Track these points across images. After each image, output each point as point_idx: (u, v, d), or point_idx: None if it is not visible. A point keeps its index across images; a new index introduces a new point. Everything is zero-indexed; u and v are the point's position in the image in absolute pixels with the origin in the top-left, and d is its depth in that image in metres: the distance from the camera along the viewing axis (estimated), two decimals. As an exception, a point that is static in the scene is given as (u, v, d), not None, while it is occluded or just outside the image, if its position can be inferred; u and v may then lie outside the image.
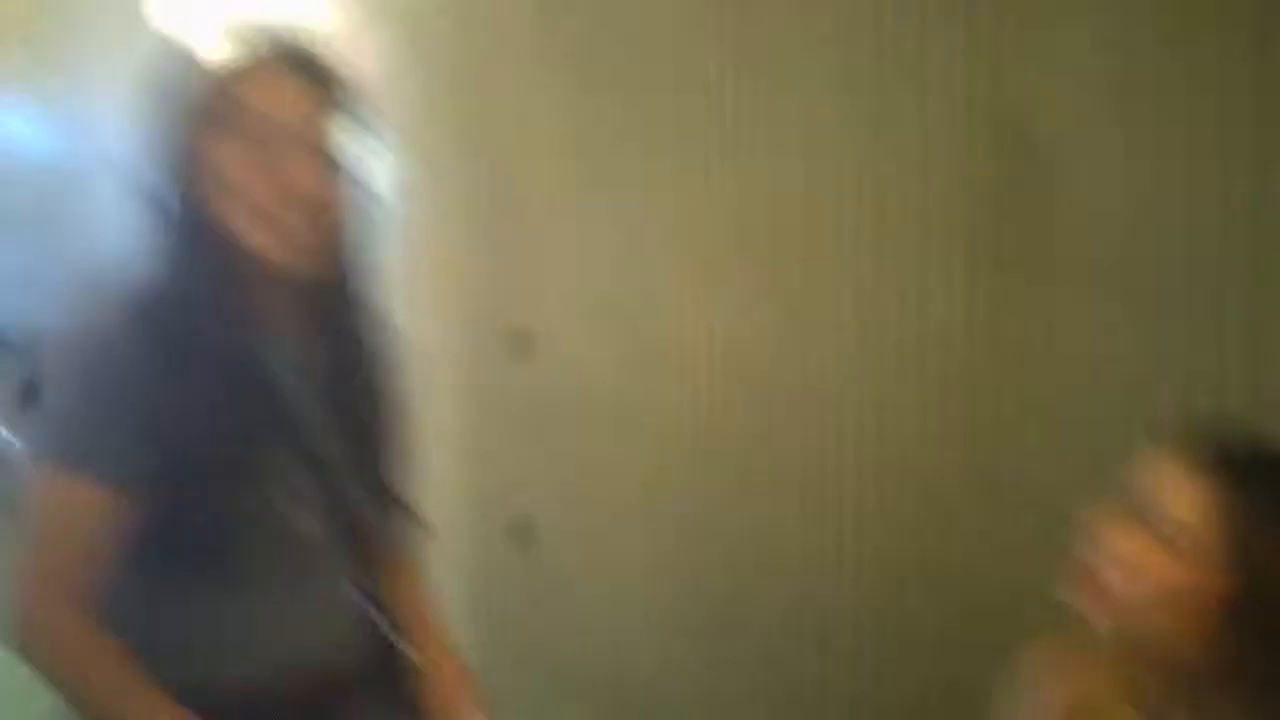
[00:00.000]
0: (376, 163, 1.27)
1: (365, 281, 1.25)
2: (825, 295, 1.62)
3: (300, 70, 1.16)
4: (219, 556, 1.14)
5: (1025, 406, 1.39)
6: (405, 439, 1.32)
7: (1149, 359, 1.27)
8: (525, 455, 2.23)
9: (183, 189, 1.14)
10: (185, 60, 1.17)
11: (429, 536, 1.37)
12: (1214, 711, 0.94)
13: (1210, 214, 1.21)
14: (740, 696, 1.86)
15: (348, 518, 1.24)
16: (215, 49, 1.16)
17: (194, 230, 1.14)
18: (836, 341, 1.61)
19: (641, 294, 1.95)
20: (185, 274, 1.14)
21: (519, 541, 2.23)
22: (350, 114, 1.19)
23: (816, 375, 1.65)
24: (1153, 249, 1.25)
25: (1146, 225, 1.25)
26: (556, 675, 2.21)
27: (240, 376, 1.15)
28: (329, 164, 1.17)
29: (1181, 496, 0.94)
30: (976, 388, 1.43)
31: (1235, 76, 1.17)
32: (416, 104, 2.33)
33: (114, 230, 3.99)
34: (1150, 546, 0.94)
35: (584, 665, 2.13)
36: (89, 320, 1.15)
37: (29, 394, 5.33)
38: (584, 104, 2.00)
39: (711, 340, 1.83)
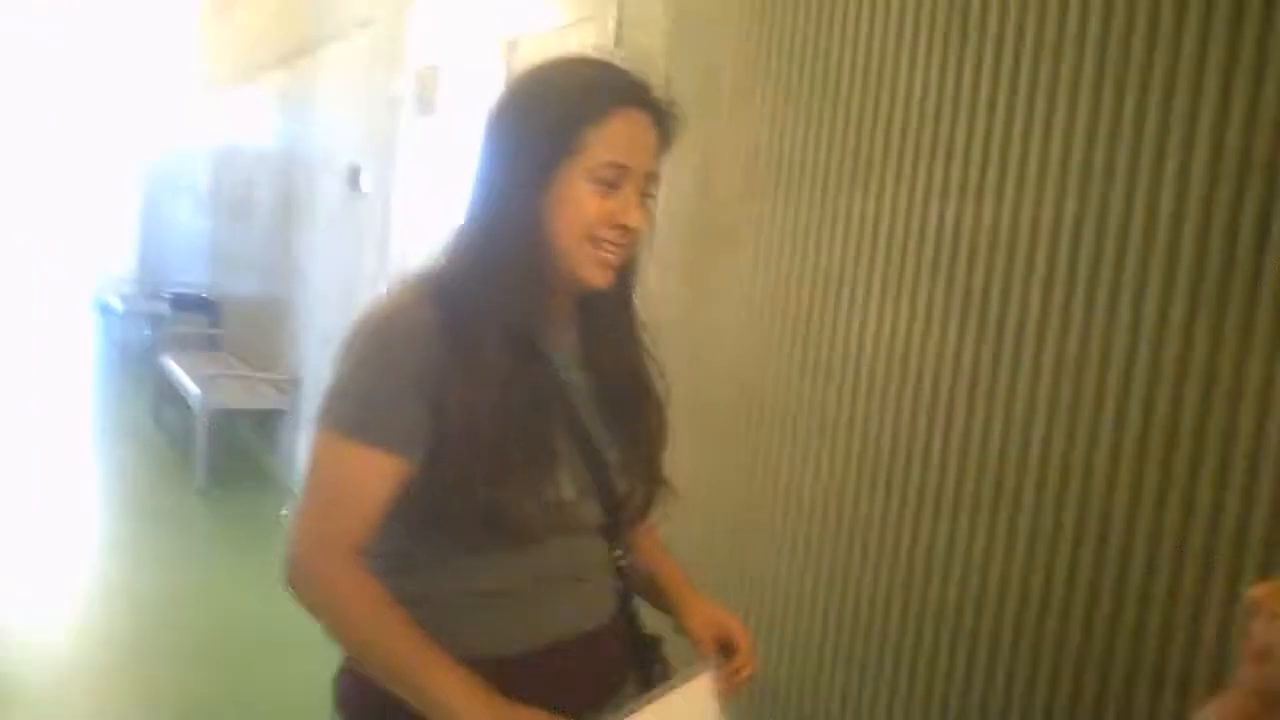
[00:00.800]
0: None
1: (634, 289, 1.34)
2: (1026, 321, 1.61)
3: (654, 115, 1.23)
4: (490, 527, 1.19)
5: (1230, 459, 1.34)
6: (662, 421, 1.38)
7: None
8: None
9: (519, 202, 1.21)
10: (543, 89, 1.24)
11: (679, 506, 1.42)
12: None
13: None
14: (879, 704, 1.86)
15: (610, 495, 1.29)
16: (573, 79, 1.23)
17: (516, 237, 1.21)
18: (1029, 368, 1.60)
19: (820, 291, 2.02)
20: (492, 268, 1.21)
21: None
22: (668, 151, 1.27)
23: (1005, 398, 1.64)
24: None
25: None
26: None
27: (521, 362, 1.21)
28: (652, 201, 1.26)
29: None
30: (1180, 424, 1.40)
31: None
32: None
33: (315, 218, 4.36)
34: None
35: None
36: (392, 303, 1.23)
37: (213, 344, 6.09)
38: (795, 129, 2.10)
39: (887, 349, 1.87)
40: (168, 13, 9.21)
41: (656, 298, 2.46)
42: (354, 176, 4.69)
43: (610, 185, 1.20)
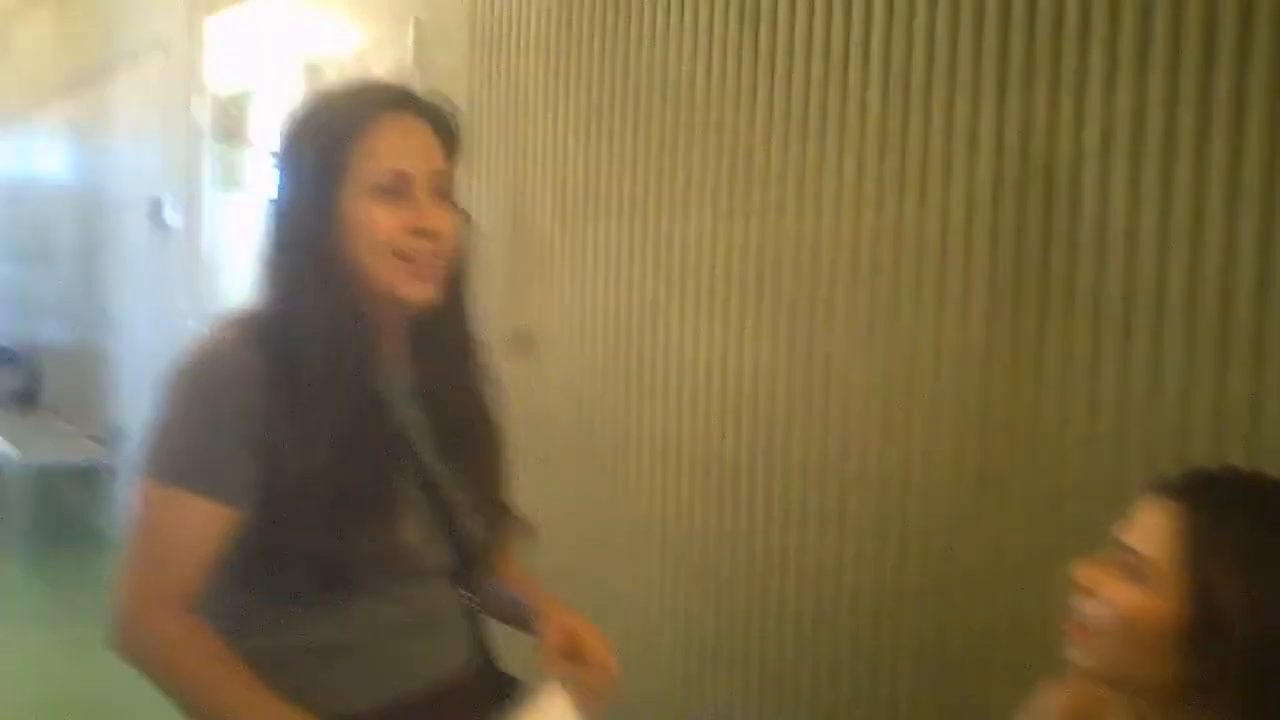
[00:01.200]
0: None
1: (469, 304, 1.28)
2: (836, 329, 1.64)
3: (423, 115, 1.20)
4: (329, 577, 1.15)
5: (1039, 441, 1.39)
6: (505, 452, 1.35)
7: (1161, 393, 1.27)
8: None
9: (312, 236, 1.16)
10: (312, 115, 1.21)
11: (531, 538, 1.39)
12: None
13: (1216, 248, 1.22)
14: (727, 705, 1.89)
15: (457, 536, 1.24)
16: (335, 101, 1.21)
17: (320, 271, 1.16)
18: (843, 372, 1.63)
19: (641, 313, 2.03)
20: (306, 308, 1.16)
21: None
22: (460, 150, 1.24)
23: (822, 405, 1.67)
24: (1171, 285, 1.26)
25: (1164, 262, 1.27)
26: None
27: (354, 403, 1.16)
28: (451, 202, 1.21)
29: (1147, 527, 0.97)
30: (990, 421, 1.44)
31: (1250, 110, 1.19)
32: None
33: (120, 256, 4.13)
34: (1121, 578, 0.97)
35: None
36: (208, 346, 1.18)
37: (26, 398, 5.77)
38: (602, 147, 2.09)
39: (710, 366, 1.88)
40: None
41: (483, 317, 2.43)
42: (157, 211, 4.45)
43: (394, 193, 1.15)
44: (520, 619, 1.37)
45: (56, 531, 5.38)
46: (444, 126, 1.23)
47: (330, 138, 1.16)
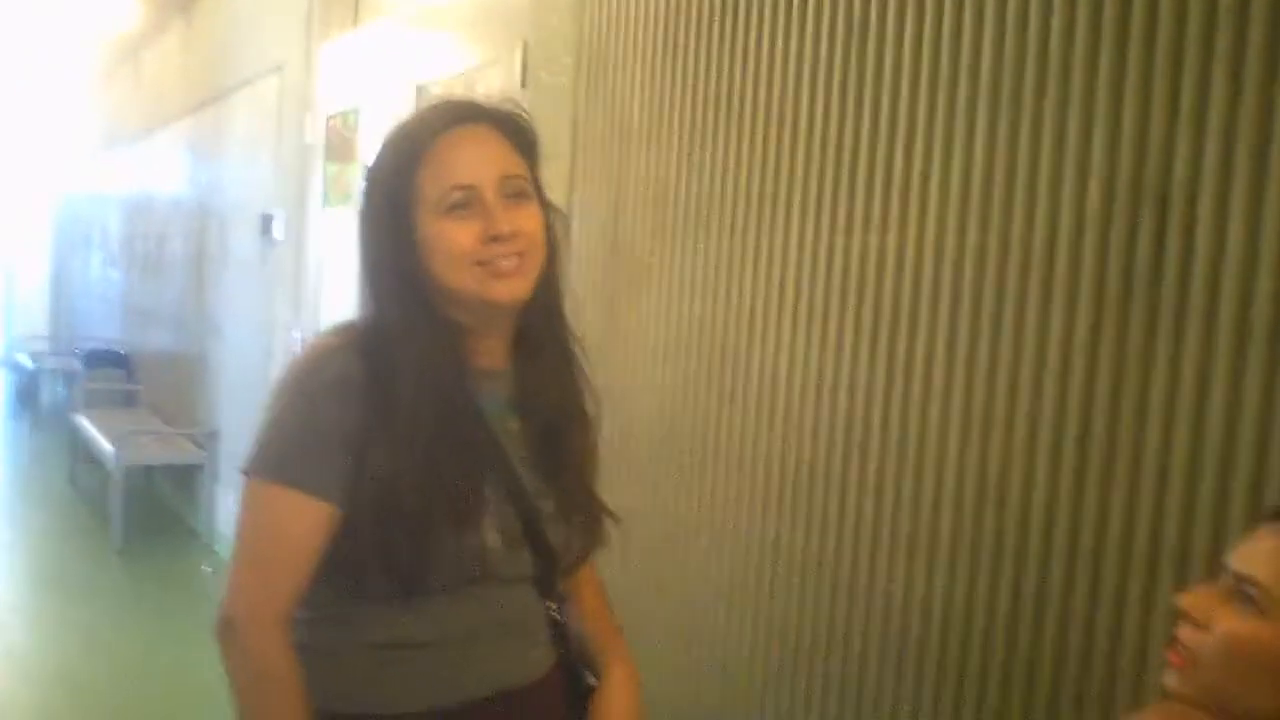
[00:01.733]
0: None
1: (559, 297, 1.31)
2: (934, 347, 1.63)
3: (487, 123, 1.23)
4: (408, 577, 1.17)
5: (1140, 465, 1.36)
6: (597, 460, 1.38)
7: (1272, 419, 1.24)
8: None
9: (394, 258, 1.20)
10: (386, 143, 1.24)
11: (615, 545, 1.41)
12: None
13: None
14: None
15: (541, 545, 1.26)
16: (403, 128, 1.24)
17: (404, 290, 1.20)
18: (940, 391, 1.62)
19: (734, 327, 2.04)
20: (396, 323, 1.20)
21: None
22: (536, 148, 1.27)
23: (918, 423, 1.66)
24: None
25: None
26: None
27: (444, 411, 1.19)
28: (532, 201, 1.23)
29: (1261, 554, 0.94)
30: (1090, 444, 1.42)
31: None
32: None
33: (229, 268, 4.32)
34: (1230, 606, 0.94)
35: None
36: (313, 353, 1.23)
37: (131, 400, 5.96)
38: (703, 164, 2.11)
39: (801, 381, 1.88)
40: (70, 63, 9.02)
41: (577, 323, 2.47)
42: (266, 225, 4.62)
43: (464, 208, 1.18)
44: (586, 658, 1.39)
45: (153, 527, 5.56)
46: (513, 129, 1.25)
47: (399, 167, 1.21)
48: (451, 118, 1.22)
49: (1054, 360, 1.46)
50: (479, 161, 1.20)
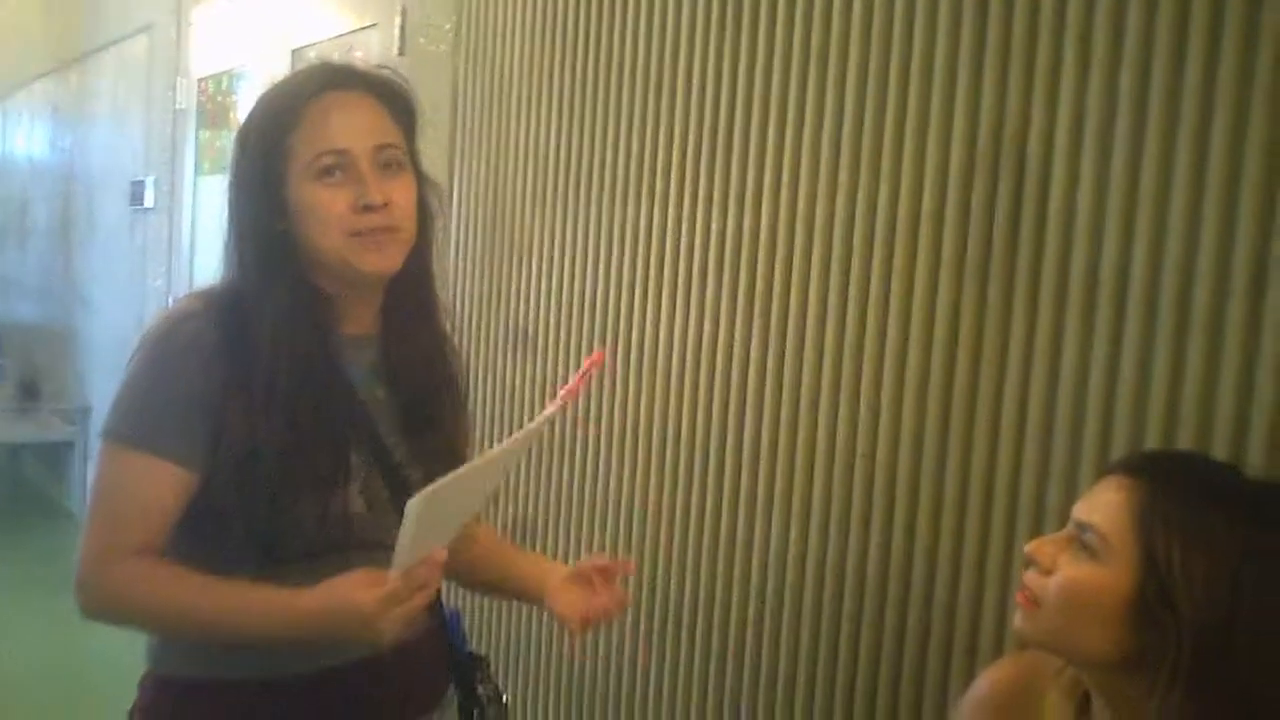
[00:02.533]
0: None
1: (429, 270, 1.30)
2: (805, 313, 1.67)
3: (363, 89, 1.21)
4: (272, 543, 1.16)
5: (999, 423, 1.42)
6: (466, 427, 1.38)
7: (1118, 378, 1.30)
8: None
9: (263, 221, 1.18)
10: (259, 103, 1.22)
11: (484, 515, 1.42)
12: (1129, 704, 0.97)
13: (1178, 236, 1.25)
14: (707, 699, 1.91)
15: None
16: (279, 88, 1.22)
17: (272, 254, 1.18)
18: (811, 356, 1.66)
19: (613, 297, 2.05)
20: (259, 286, 1.18)
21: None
22: (414, 119, 1.26)
23: (792, 387, 1.69)
24: (1134, 271, 1.29)
25: (1127, 248, 1.29)
26: (538, 671, 2.29)
27: (304, 376, 1.17)
28: (406, 173, 1.22)
29: (1101, 503, 0.99)
30: (953, 404, 1.47)
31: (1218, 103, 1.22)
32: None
33: (98, 237, 4.14)
34: (1074, 555, 0.98)
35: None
36: (170, 317, 1.20)
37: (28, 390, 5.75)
38: (580, 134, 2.12)
39: (679, 350, 1.90)
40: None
41: (459, 301, 2.46)
42: (137, 192, 4.45)
43: (337, 173, 1.17)
44: (516, 589, 1.41)
45: (22, 507, 5.34)
46: (391, 97, 1.24)
47: (272, 125, 1.19)
48: (329, 81, 1.20)
49: (918, 325, 1.52)
50: (354, 128, 1.18)
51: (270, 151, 1.18)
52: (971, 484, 1.46)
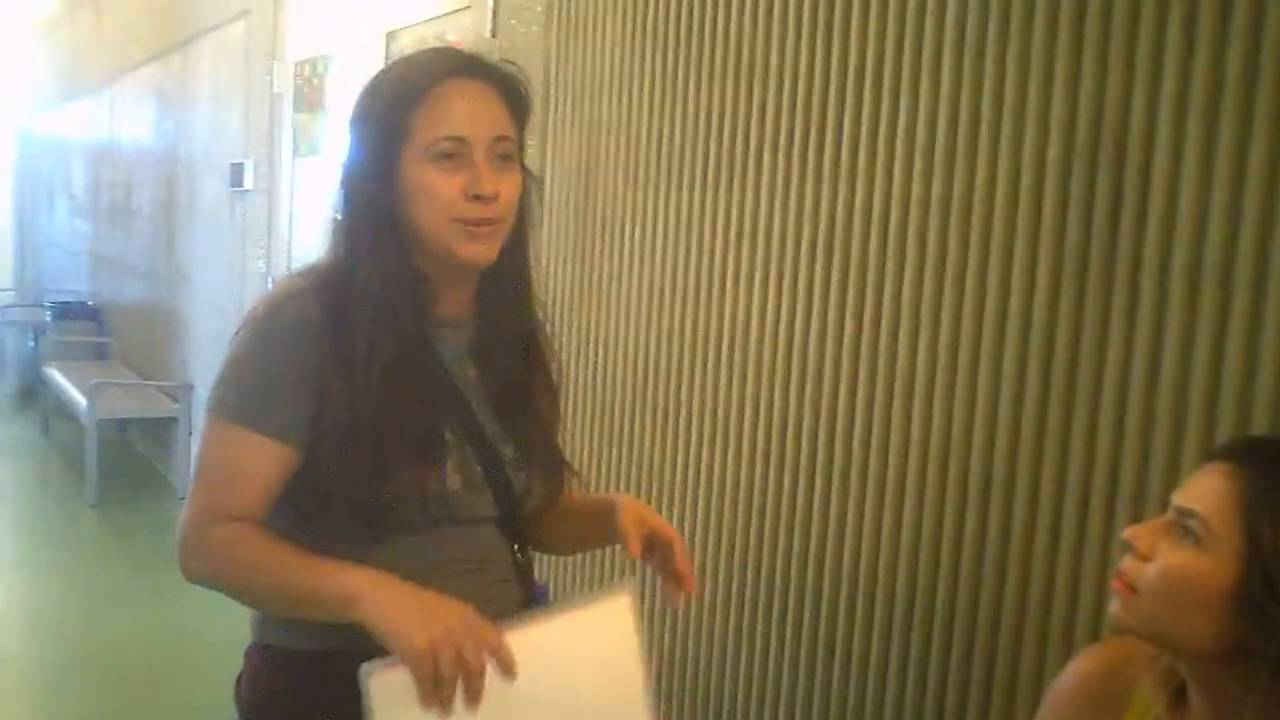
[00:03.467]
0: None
1: (527, 265, 1.33)
2: (900, 298, 1.66)
3: (487, 80, 1.23)
4: (370, 518, 1.18)
5: (1099, 414, 1.39)
6: (557, 409, 1.40)
7: (1221, 370, 1.27)
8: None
9: (373, 197, 1.21)
10: (382, 80, 1.25)
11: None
12: (1227, 695, 0.95)
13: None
14: (783, 675, 1.92)
15: (502, 487, 1.28)
16: (404, 67, 1.25)
17: (378, 231, 1.21)
18: (906, 342, 1.65)
19: (704, 280, 2.06)
20: (363, 265, 1.21)
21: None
22: (527, 116, 1.28)
23: (887, 374, 1.69)
24: (1238, 263, 1.26)
25: (1232, 240, 1.26)
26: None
27: (403, 355, 1.20)
28: (515, 166, 1.25)
29: (1202, 489, 0.96)
30: (1050, 393, 1.45)
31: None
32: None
33: (199, 219, 4.28)
34: (1173, 540, 0.97)
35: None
36: (273, 296, 1.24)
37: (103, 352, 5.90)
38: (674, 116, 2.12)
39: (770, 334, 1.90)
40: (26, 6, 8.81)
41: (545, 283, 2.48)
42: (236, 174, 4.57)
43: (453, 159, 1.19)
44: (582, 531, 1.41)
45: (128, 480, 5.56)
46: (512, 92, 1.26)
47: (395, 102, 1.21)
48: (457, 66, 1.23)
49: (1016, 310, 1.49)
50: (476, 116, 1.21)
51: (391, 126, 1.20)
52: (1070, 473, 1.43)
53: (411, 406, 1.20)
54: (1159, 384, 1.33)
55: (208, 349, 4.95)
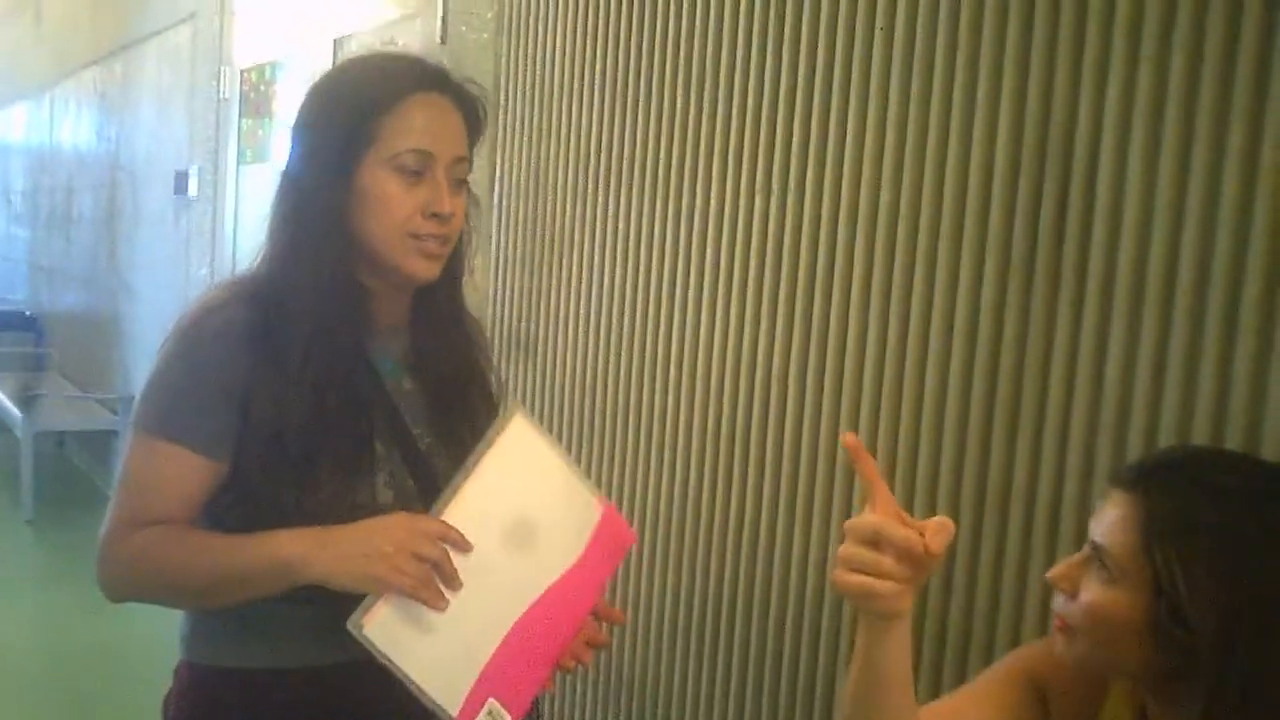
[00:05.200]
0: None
1: (461, 279, 1.32)
2: (849, 305, 1.65)
3: (454, 98, 1.22)
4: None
5: (1044, 418, 1.40)
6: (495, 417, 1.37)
7: (1164, 376, 1.28)
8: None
9: (323, 202, 1.18)
10: (342, 81, 1.23)
11: None
12: (1183, 712, 0.94)
13: (1228, 231, 1.22)
14: (730, 693, 1.90)
15: (434, 500, 1.24)
16: (369, 70, 1.22)
17: (323, 237, 1.18)
18: (854, 349, 1.65)
19: (653, 288, 2.05)
20: (300, 271, 1.18)
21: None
22: (481, 137, 1.28)
23: (834, 382, 1.68)
24: (1181, 268, 1.26)
25: (1176, 244, 1.27)
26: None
27: (335, 365, 1.18)
28: (465, 189, 1.24)
29: (1108, 521, 0.97)
30: (996, 401, 1.45)
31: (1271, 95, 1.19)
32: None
33: (142, 226, 4.19)
34: (1093, 575, 0.97)
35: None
36: (205, 303, 1.20)
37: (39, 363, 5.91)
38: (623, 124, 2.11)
39: (719, 342, 1.89)
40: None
41: (496, 294, 2.46)
42: (181, 181, 4.49)
43: (415, 173, 1.18)
44: None
45: (66, 495, 5.43)
46: (472, 113, 1.25)
47: (360, 107, 1.18)
48: (428, 80, 1.21)
49: (962, 320, 1.49)
50: (443, 134, 1.20)
51: (353, 131, 1.18)
52: (1015, 484, 1.43)
53: (343, 419, 1.18)
54: (1103, 392, 1.33)
55: (149, 360, 4.84)
